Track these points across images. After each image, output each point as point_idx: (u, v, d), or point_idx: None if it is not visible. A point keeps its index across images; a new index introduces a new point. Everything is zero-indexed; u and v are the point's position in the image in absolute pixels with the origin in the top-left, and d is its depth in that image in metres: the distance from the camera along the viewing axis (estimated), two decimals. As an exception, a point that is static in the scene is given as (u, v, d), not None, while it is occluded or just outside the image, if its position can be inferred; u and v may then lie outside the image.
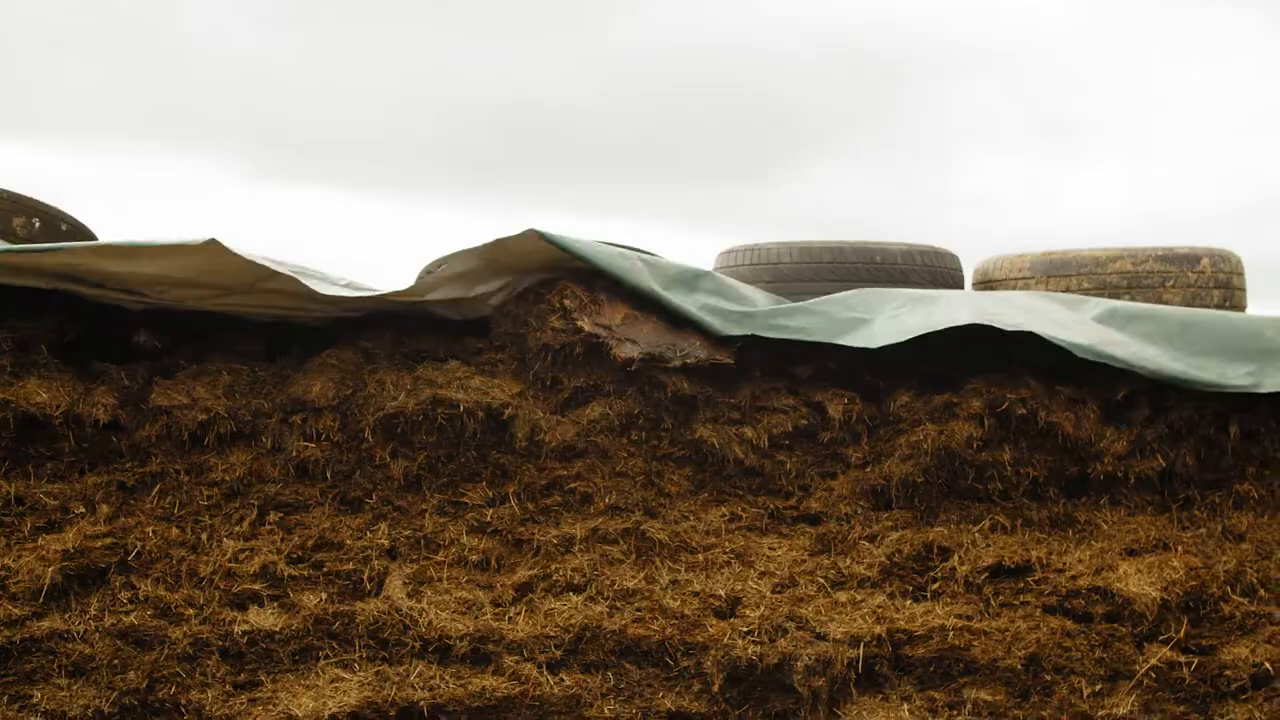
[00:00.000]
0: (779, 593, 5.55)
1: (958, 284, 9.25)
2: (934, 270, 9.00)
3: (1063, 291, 8.61)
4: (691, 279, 6.60)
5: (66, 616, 5.21)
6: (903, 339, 6.20)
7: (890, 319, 6.47)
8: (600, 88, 25.11)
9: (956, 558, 5.72)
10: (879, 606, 5.45)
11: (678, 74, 24.53)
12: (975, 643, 5.27)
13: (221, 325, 6.45)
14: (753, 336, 6.31)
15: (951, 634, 5.29)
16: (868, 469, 6.16)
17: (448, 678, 5.07)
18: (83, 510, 5.71)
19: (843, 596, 5.53)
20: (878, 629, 5.27)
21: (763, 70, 24.47)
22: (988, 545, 5.79)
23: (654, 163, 26.11)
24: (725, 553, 5.78)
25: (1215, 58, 24.97)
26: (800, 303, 6.73)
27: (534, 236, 6.19)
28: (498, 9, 24.62)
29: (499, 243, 6.21)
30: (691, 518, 5.95)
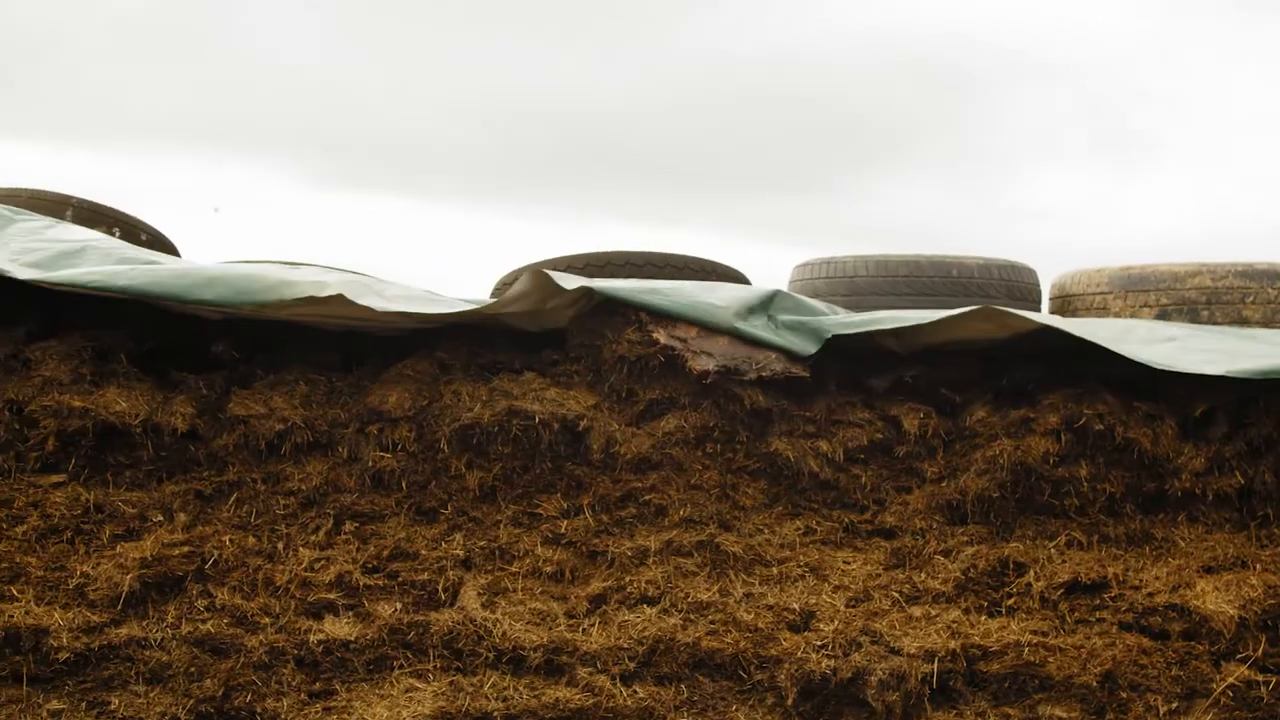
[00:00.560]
0: (853, 607, 5.52)
1: (1035, 299, 9.23)
2: (1011, 285, 8.98)
3: (1141, 306, 8.57)
4: (763, 303, 6.61)
5: (144, 624, 5.23)
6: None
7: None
8: (664, 97, 25.11)
9: (1032, 573, 5.68)
10: (954, 622, 5.41)
11: (741, 84, 24.49)
12: (1051, 659, 5.22)
13: (298, 335, 6.48)
14: (829, 350, 6.30)
15: (1027, 650, 5.24)
16: (943, 483, 6.13)
17: (521, 689, 5.07)
18: (161, 519, 5.75)
19: (917, 611, 5.49)
20: (952, 644, 5.23)
21: (827, 81, 24.43)
22: (1064, 561, 5.74)
23: (717, 174, 26.08)
24: (800, 566, 5.76)
25: (1284, 70, 24.78)
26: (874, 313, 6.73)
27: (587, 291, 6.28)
28: (562, 18, 24.67)
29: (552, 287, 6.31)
30: (766, 531, 5.93)
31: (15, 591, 5.31)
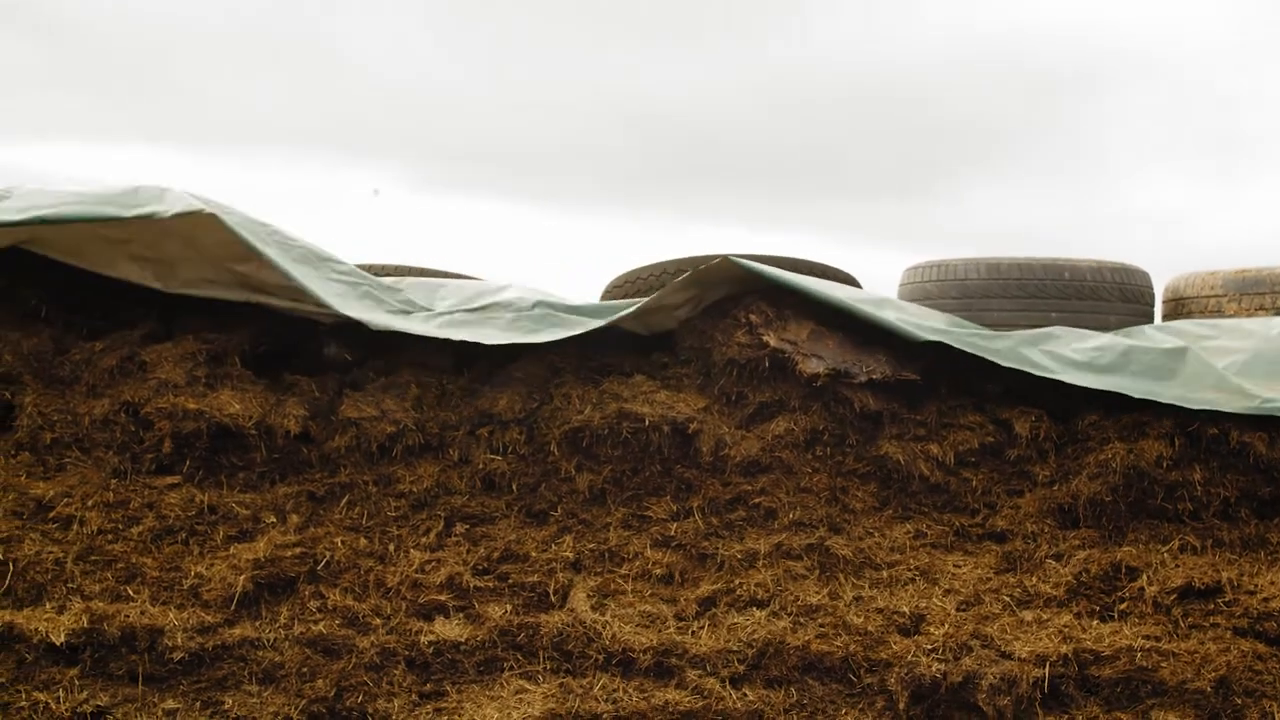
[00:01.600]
0: (964, 610, 5.49)
1: (1148, 302, 9.11)
2: (1124, 288, 8.87)
3: (1256, 309, 8.46)
4: (878, 304, 6.59)
5: (257, 624, 5.27)
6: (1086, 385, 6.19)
7: (1087, 360, 6.42)
8: (766, 101, 25.04)
9: (1145, 578, 5.62)
10: (1065, 626, 5.36)
11: (842, 87, 24.38)
12: (1164, 664, 5.16)
13: (410, 338, 6.51)
14: (940, 353, 6.27)
15: (1139, 655, 5.18)
16: (1055, 487, 6.09)
17: (631, 691, 5.07)
18: (274, 520, 5.80)
19: (1028, 615, 5.45)
20: (1064, 648, 5.18)
21: (929, 83, 24.25)
22: (1177, 565, 5.68)
23: (818, 177, 25.99)
24: (910, 570, 5.73)
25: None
26: (995, 333, 6.69)
27: (728, 262, 6.26)
28: (663, 23, 24.66)
29: (697, 270, 6.30)
30: (876, 534, 5.90)
31: (131, 592, 5.37)
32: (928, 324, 6.52)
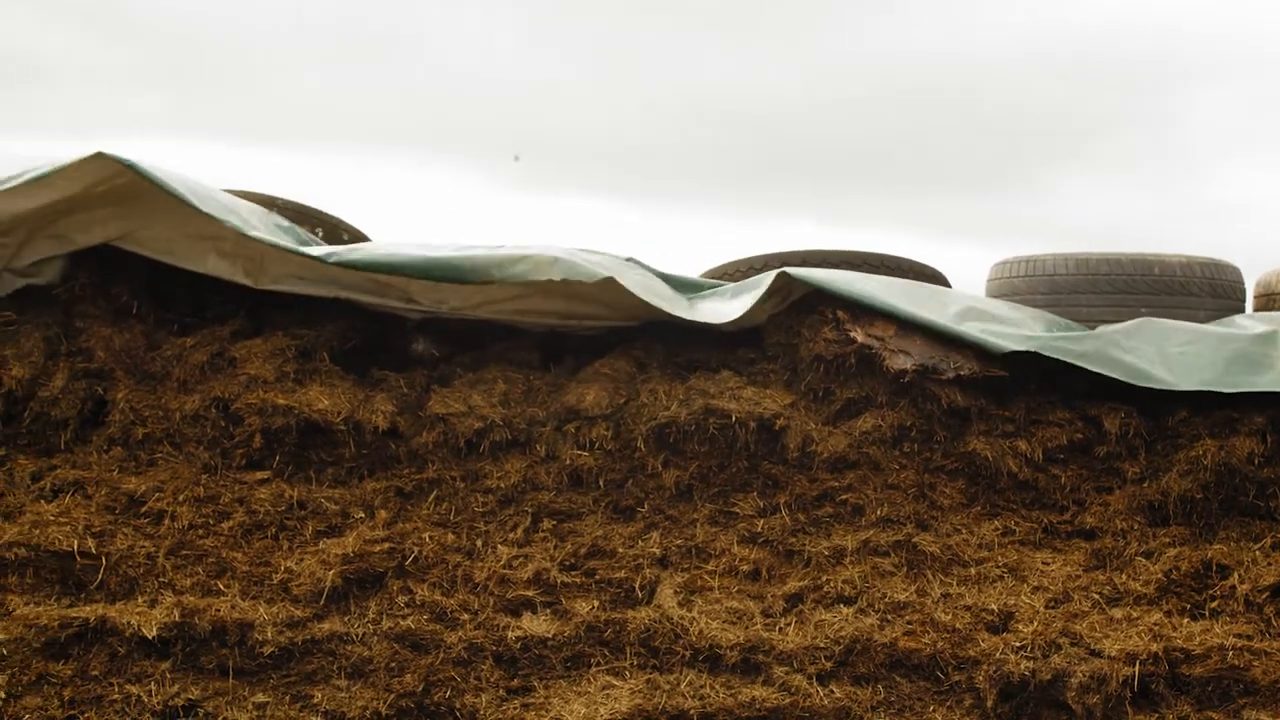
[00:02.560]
0: (1053, 608, 5.45)
1: (1238, 297, 9.05)
2: (1214, 283, 8.81)
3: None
4: (964, 312, 6.56)
5: (346, 619, 5.30)
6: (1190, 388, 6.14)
7: (1177, 354, 6.37)
8: (849, 95, 24.94)
9: (1236, 576, 5.57)
10: (1156, 624, 5.32)
11: (925, 80, 24.22)
12: (1256, 663, 5.11)
13: (498, 334, 6.54)
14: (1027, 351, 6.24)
15: (1231, 654, 5.13)
16: (1145, 484, 6.04)
17: (718, 687, 5.06)
18: (362, 515, 5.83)
19: (1118, 613, 5.41)
20: (1154, 647, 5.14)
21: (1013, 75, 24.07)
22: (1269, 564, 5.63)
23: (901, 172, 25.85)
24: (998, 567, 5.70)
25: None
26: (1082, 332, 6.64)
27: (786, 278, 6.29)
28: (745, 16, 24.59)
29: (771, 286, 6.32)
30: (964, 531, 5.88)
31: (222, 586, 5.42)
32: (1010, 330, 6.48)
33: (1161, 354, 6.38)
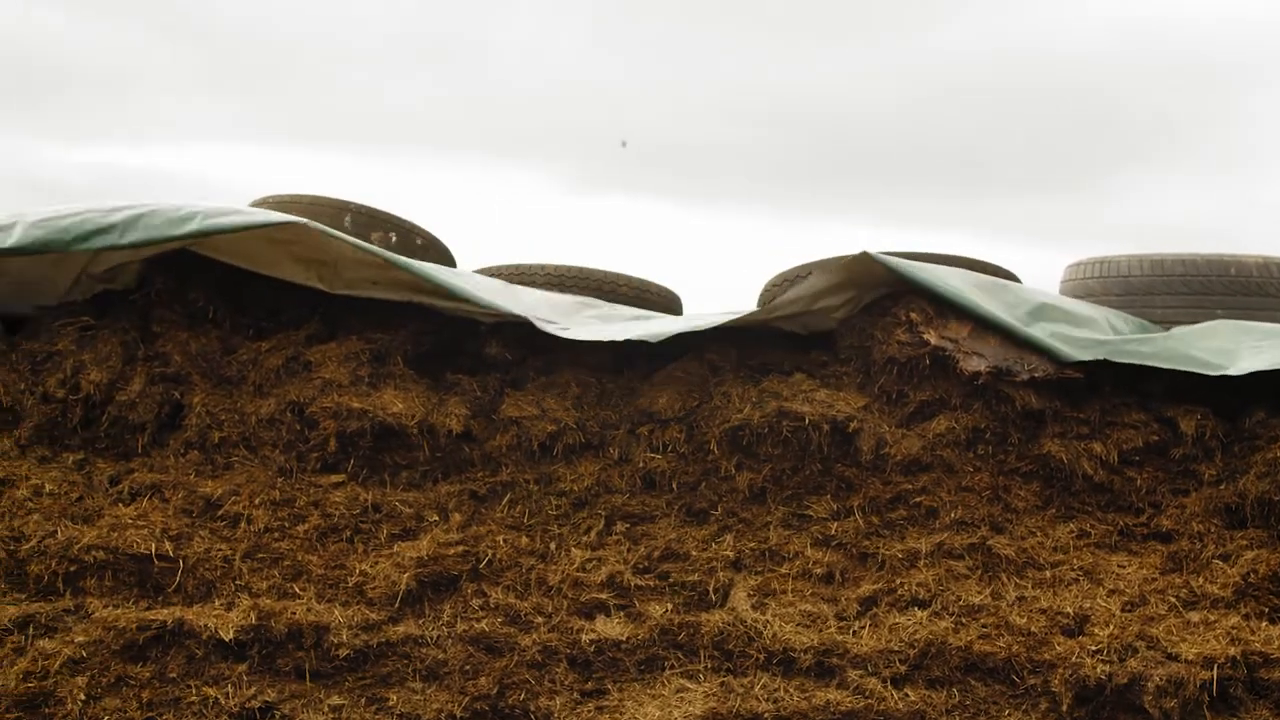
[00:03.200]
0: (1129, 611, 5.41)
1: (1320, 299, 8.95)
2: (1292, 284, 8.72)
3: None
4: (1036, 309, 6.53)
5: (420, 622, 5.31)
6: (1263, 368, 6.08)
7: (1253, 352, 6.32)
8: (921, 95, 24.85)
9: (1316, 579, 5.53)
10: (1233, 627, 5.27)
11: (999, 81, 24.10)
12: (1336, 667, 5.08)
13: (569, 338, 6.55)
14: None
15: (1311, 658, 5.10)
16: (1221, 486, 6.00)
17: (792, 690, 5.05)
18: (436, 518, 5.85)
19: (1195, 616, 5.37)
20: (1232, 650, 5.09)
21: (1089, 75, 23.89)
22: (1350, 567, 5.58)
23: (974, 174, 25.71)
24: (1073, 570, 5.67)
25: None
26: (1154, 333, 6.60)
27: (868, 259, 6.23)
28: (819, 17, 24.55)
29: (838, 264, 6.27)
30: (1039, 534, 5.85)
31: (298, 589, 5.45)
32: (1083, 333, 6.44)
33: (1235, 352, 6.34)
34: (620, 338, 6.45)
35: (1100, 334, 6.57)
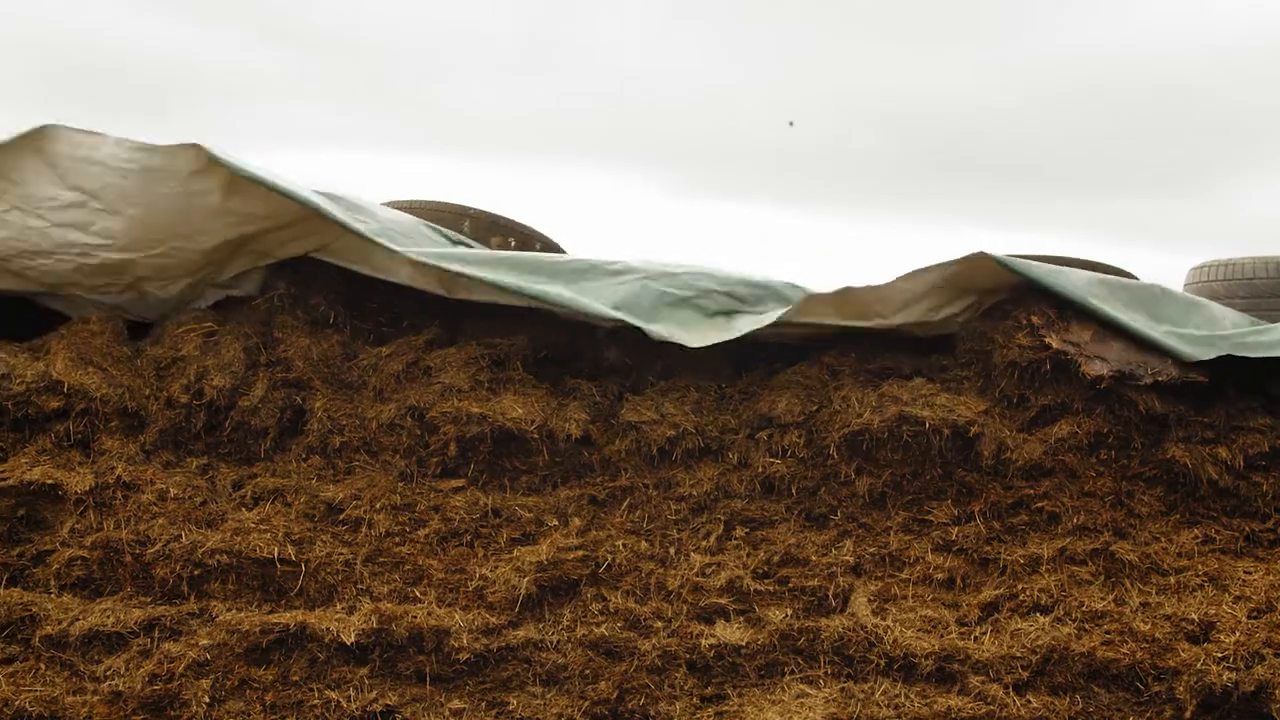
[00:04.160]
0: (1255, 618, 5.35)
1: None
2: None
3: None
4: (1153, 300, 6.46)
5: (540, 626, 5.33)
6: None
7: None
8: (1026, 96, 24.64)
9: None
10: (1365, 634, 5.21)
11: (1107, 80, 23.84)
12: None
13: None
14: (1228, 355, 6.13)
15: None
16: (1350, 492, 5.92)
17: (913, 696, 5.03)
18: (556, 523, 5.86)
19: (1324, 623, 5.31)
20: (1364, 658, 5.04)
21: (1202, 73, 23.58)
22: None
23: (1080, 175, 25.46)
24: (1198, 576, 5.61)
25: None
26: (1274, 323, 6.52)
27: (986, 260, 6.19)
28: (924, 19, 24.41)
29: (953, 268, 6.24)
30: (1162, 539, 5.79)
31: (418, 593, 5.48)
32: (1204, 333, 6.37)
33: None
34: (734, 335, 6.45)
35: (1221, 330, 6.50)
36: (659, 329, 6.39)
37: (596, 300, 6.48)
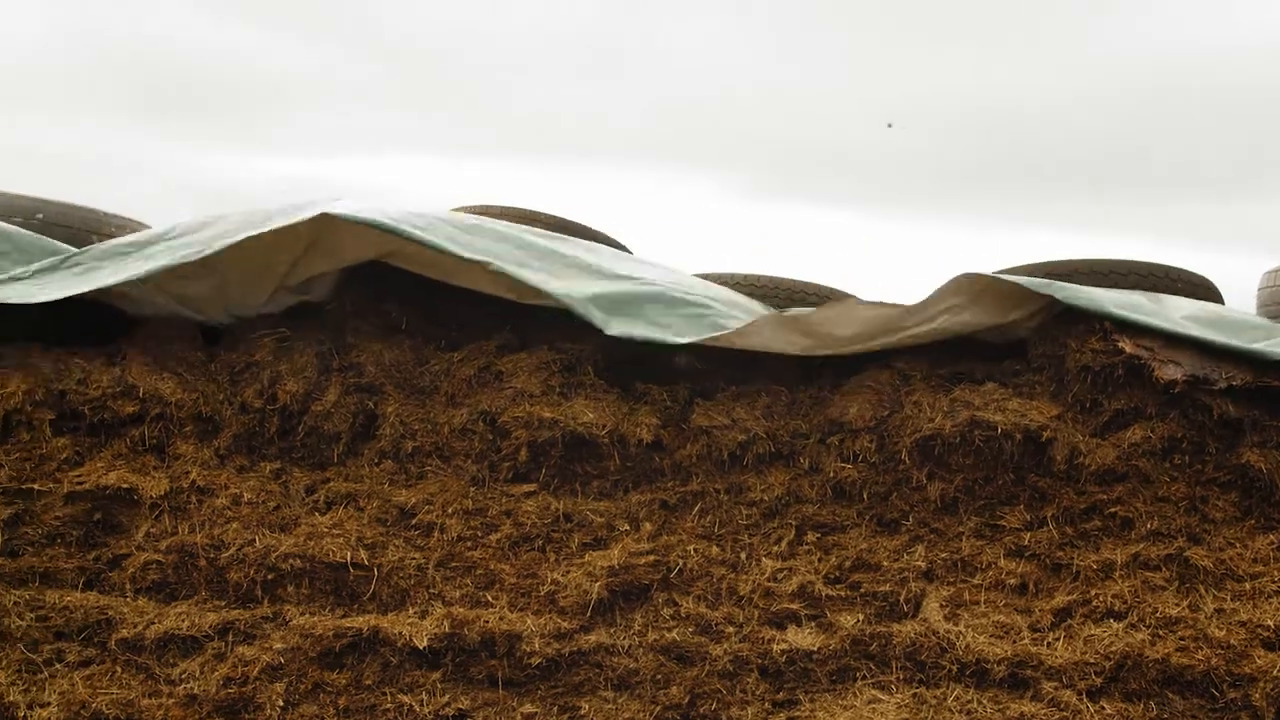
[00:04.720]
0: (1332, 625, 5.31)
1: None
2: None
3: None
4: (1236, 327, 6.44)
5: (612, 631, 5.33)
6: None
7: None
8: (1107, 98, 24.45)
9: None
10: None
11: (1184, 79, 23.64)
12: None
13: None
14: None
15: None
16: None
17: (985, 702, 5.01)
18: (627, 528, 5.87)
19: (1403, 630, 5.26)
20: None
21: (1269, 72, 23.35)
22: None
23: (1150, 177, 25.25)
24: (1274, 582, 5.56)
25: None
26: None
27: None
28: (990, 20, 24.28)
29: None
30: (1237, 545, 5.74)
31: (490, 598, 5.50)
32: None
33: None
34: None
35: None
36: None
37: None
